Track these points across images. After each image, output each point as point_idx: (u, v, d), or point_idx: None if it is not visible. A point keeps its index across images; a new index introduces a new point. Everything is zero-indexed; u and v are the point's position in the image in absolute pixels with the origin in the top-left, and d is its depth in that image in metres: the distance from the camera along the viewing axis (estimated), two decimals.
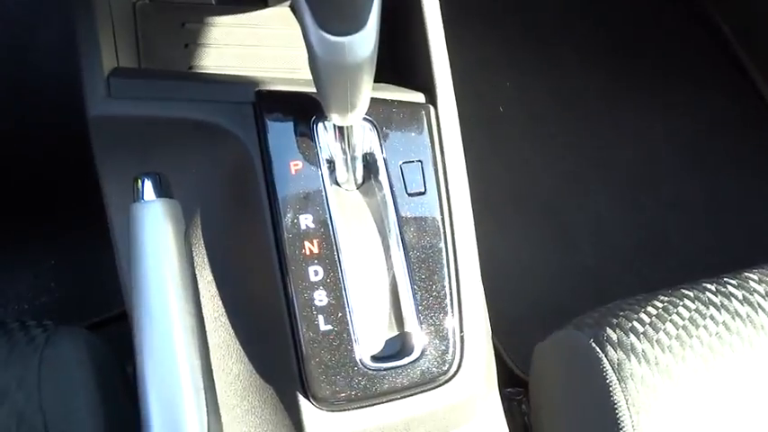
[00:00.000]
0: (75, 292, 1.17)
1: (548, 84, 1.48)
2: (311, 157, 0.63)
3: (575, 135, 1.45)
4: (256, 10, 0.87)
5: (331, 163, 0.64)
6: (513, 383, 1.16)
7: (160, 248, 0.52)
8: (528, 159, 1.41)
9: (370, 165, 0.65)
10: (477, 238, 0.68)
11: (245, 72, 0.79)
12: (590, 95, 1.49)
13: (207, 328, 0.56)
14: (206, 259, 0.64)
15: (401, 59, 0.78)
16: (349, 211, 0.63)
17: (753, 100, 1.53)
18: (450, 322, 0.62)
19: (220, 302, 0.64)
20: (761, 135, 1.50)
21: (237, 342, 0.63)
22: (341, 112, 0.55)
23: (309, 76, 0.80)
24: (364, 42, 0.47)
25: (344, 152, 0.62)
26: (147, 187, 0.54)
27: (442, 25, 0.74)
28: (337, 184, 0.65)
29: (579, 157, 1.43)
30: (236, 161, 0.65)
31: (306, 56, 0.85)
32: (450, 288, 0.63)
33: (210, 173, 0.66)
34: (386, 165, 0.64)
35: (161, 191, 0.55)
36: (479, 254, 0.68)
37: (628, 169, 1.44)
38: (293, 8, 0.88)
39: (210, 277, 0.64)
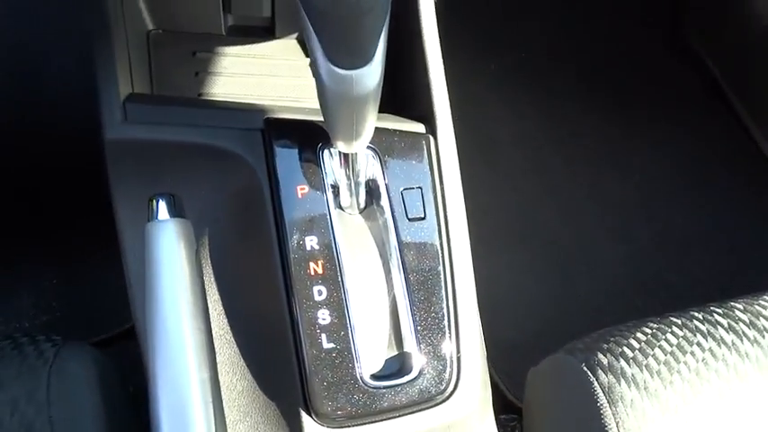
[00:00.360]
0: (76, 310, 1.18)
1: (543, 118, 1.52)
2: (317, 182, 0.66)
3: (569, 168, 1.48)
4: (264, 41, 0.91)
5: (335, 188, 0.67)
6: (507, 410, 1.18)
7: (173, 267, 0.55)
8: (523, 190, 1.44)
9: (372, 190, 0.69)
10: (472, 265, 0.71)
11: (254, 100, 0.83)
12: (584, 130, 1.53)
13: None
14: (213, 277, 0.67)
15: (402, 91, 0.82)
16: (352, 234, 0.66)
17: (740, 135, 1.58)
18: (448, 343, 0.64)
19: (226, 320, 0.66)
20: (748, 169, 1.54)
21: (242, 359, 0.65)
22: (346, 140, 0.58)
23: (315, 105, 0.84)
24: (371, 75, 0.50)
25: (348, 178, 0.65)
26: (162, 207, 0.57)
27: (441, 60, 0.78)
28: (341, 208, 0.68)
29: (574, 189, 1.47)
30: (245, 184, 0.68)
31: (311, 85, 0.88)
32: (448, 310, 0.65)
33: (220, 195, 0.69)
34: (387, 190, 0.67)
35: (174, 211, 0.58)
36: (474, 280, 0.71)
37: (621, 201, 1.48)
38: (300, 40, 0.92)
39: (217, 295, 0.67)
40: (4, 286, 1.18)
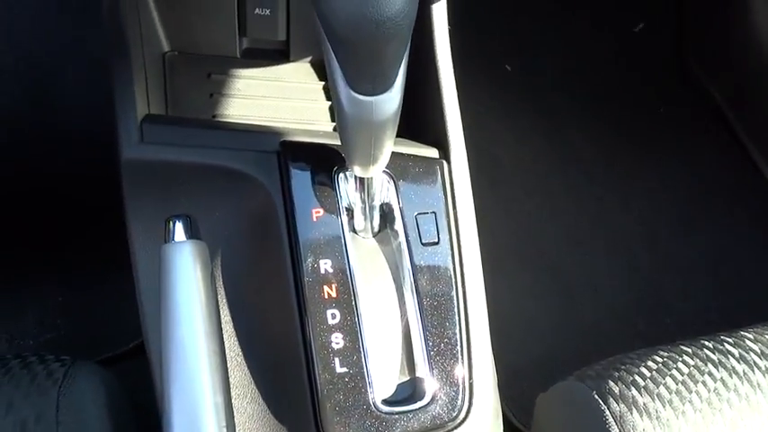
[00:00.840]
0: (81, 329, 1.18)
1: (545, 143, 1.53)
2: (331, 206, 0.66)
3: (572, 193, 1.49)
4: (279, 64, 0.92)
5: (349, 211, 0.67)
6: None
7: (189, 289, 0.55)
8: (526, 214, 1.45)
9: (386, 214, 0.69)
10: None
11: (268, 122, 0.84)
12: (587, 155, 1.54)
13: None
14: (226, 299, 0.67)
15: (415, 115, 0.82)
16: (366, 257, 0.66)
17: (743, 161, 1.59)
18: (460, 369, 0.64)
19: (237, 342, 0.66)
20: (751, 195, 1.55)
21: (253, 382, 0.65)
22: (363, 164, 0.59)
23: (329, 128, 0.86)
24: (390, 101, 0.51)
25: (363, 202, 0.66)
26: (178, 229, 0.58)
27: (455, 86, 0.79)
28: (355, 231, 0.68)
29: (578, 215, 1.47)
30: (260, 206, 0.68)
31: (325, 108, 0.90)
32: (461, 336, 0.65)
33: (234, 216, 0.69)
34: (402, 215, 0.68)
35: (191, 232, 0.58)
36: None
37: (625, 228, 1.48)
38: (315, 63, 0.93)
39: (229, 317, 0.67)
40: (9, 303, 1.18)
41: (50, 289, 1.20)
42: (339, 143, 0.70)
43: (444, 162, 0.72)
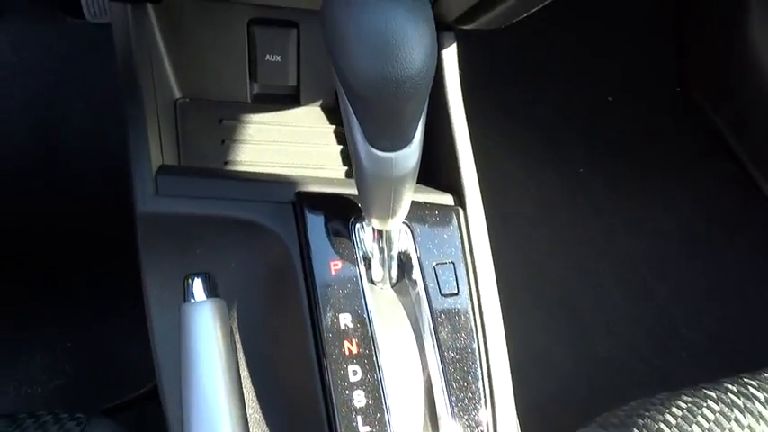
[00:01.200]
0: (89, 375, 1.17)
1: (554, 175, 1.53)
2: (349, 258, 0.65)
3: (582, 225, 1.49)
4: (289, 108, 0.92)
5: (367, 261, 0.67)
6: None
7: (210, 349, 0.54)
8: (539, 247, 1.44)
9: (403, 264, 0.68)
10: None
11: (280, 168, 0.83)
12: (594, 186, 1.54)
13: None
14: (244, 353, 0.66)
15: (428, 159, 0.82)
16: (385, 310, 0.65)
17: (747, 188, 1.59)
18: (485, 425, 0.63)
19: (256, 398, 0.65)
20: (755, 222, 1.55)
21: None
22: (382, 217, 0.58)
23: (341, 173, 0.85)
24: (410, 157, 0.50)
25: (381, 252, 0.65)
26: (198, 287, 0.57)
27: (467, 131, 0.79)
28: (372, 282, 0.67)
29: (587, 246, 1.47)
30: (276, 258, 0.68)
31: (336, 153, 0.89)
32: (484, 388, 0.64)
33: (251, 268, 0.68)
34: (420, 265, 0.67)
35: (210, 291, 0.57)
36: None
37: (634, 258, 1.47)
38: (325, 108, 0.93)
39: (247, 372, 0.65)
40: (17, 348, 1.17)
41: (58, 334, 1.19)
42: (354, 191, 0.69)
43: (460, 209, 0.72)
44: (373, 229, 0.64)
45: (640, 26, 1.72)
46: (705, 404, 0.72)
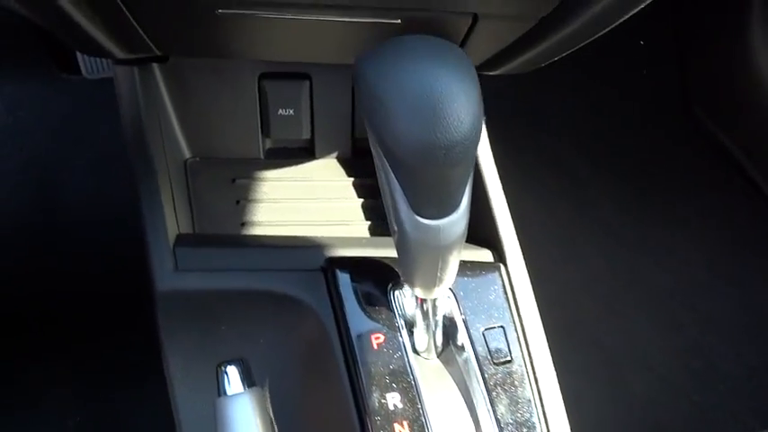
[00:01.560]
0: None
1: (573, 210, 1.49)
2: (391, 329, 0.60)
3: (605, 258, 1.44)
4: (304, 162, 0.88)
5: (408, 329, 0.61)
6: None
7: None
8: (566, 284, 1.39)
9: (447, 329, 0.63)
10: None
11: (302, 228, 0.78)
12: (615, 219, 1.50)
13: None
14: None
15: None
16: (434, 383, 0.60)
17: (765, 209, 1.55)
18: None
19: None
20: None
21: None
22: (428, 287, 0.54)
23: (364, 228, 0.80)
24: (457, 224, 0.46)
25: (426, 319, 0.60)
26: (233, 377, 0.51)
27: (499, 181, 0.74)
28: (416, 352, 0.62)
29: (613, 280, 1.42)
30: (309, 331, 0.62)
31: (355, 207, 0.84)
32: None
33: (281, 346, 0.63)
34: (467, 330, 0.62)
35: (246, 380, 0.52)
36: None
37: (661, 288, 1.43)
38: (341, 159, 0.89)
39: None
40: (28, 424, 1.11)
41: (70, 409, 1.13)
42: (388, 252, 0.64)
43: (501, 266, 0.67)
44: (416, 297, 0.59)
45: (641, 54, 1.70)
46: None
